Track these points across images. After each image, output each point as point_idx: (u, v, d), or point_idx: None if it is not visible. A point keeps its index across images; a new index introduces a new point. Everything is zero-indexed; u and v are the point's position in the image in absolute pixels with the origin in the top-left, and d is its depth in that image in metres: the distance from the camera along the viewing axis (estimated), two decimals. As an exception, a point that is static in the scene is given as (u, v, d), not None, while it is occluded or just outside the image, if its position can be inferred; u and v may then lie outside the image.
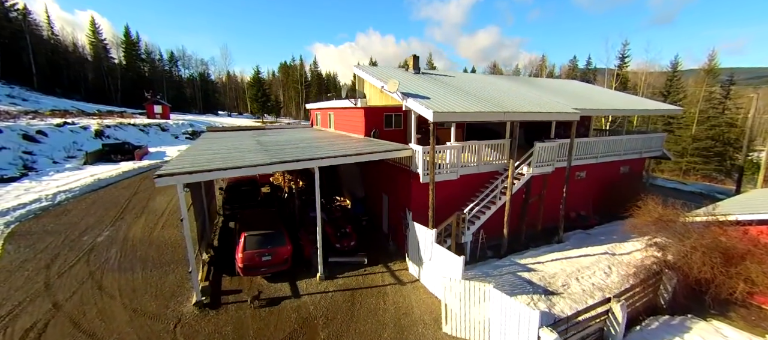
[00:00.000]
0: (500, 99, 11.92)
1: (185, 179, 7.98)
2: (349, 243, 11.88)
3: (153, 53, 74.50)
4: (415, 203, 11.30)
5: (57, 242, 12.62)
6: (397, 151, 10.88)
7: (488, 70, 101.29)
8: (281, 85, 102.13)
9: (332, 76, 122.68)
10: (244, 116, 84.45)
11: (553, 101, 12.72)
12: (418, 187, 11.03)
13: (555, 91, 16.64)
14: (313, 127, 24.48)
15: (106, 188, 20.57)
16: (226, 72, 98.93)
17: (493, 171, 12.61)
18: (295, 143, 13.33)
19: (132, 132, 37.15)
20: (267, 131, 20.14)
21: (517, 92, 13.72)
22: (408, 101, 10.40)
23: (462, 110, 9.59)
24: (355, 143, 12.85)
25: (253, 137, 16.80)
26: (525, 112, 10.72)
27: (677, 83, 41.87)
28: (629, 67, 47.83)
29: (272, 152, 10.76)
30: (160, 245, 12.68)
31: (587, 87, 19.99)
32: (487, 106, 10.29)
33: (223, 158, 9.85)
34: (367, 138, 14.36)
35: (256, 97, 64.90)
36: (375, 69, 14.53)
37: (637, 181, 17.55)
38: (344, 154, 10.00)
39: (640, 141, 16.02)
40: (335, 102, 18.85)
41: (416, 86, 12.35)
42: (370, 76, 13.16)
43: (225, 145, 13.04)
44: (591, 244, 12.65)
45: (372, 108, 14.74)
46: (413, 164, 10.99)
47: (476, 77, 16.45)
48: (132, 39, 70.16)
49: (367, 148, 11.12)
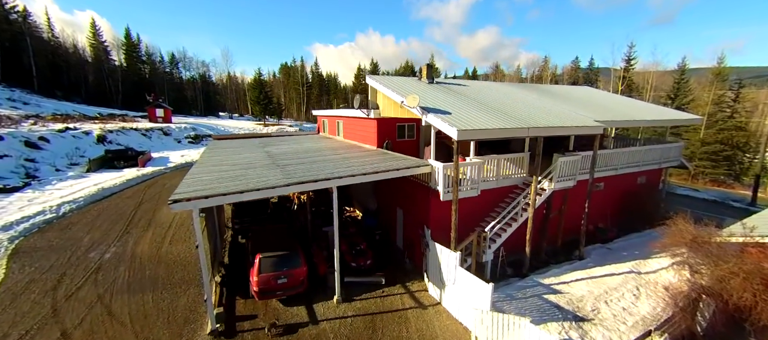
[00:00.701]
0: (521, 113, 11.53)
1: (201, 204, 7.59)
2: (366, 262, 11.49)
3: (154, 55, 74.10)
4: (434, 220, 10.92)
5: (63, 259, 12.23)
6: (416, 168, 10.49)
7: (490, 70, 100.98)
8: (282, 86, 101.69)
9: (333, 77, 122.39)
10: (245, 118, 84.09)
11: (574, 114, 12.33)
12: (437, 204, 10.66)
13: (570, 99, 16.25)
14: (319, 133, 24.10)
15: (110, 198, 20.18)
16: (227, 73, 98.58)
17: (512, 185, 12.24)
18: (308, 156, 12.94)
19: (134, 137, 36.74)
20: (274, 140, 19.74)
21: (534, 103, 13.33)
22: (428, 117, 10.01)
23: (485, 127, 9.21)
24: (370, 157, 12.46)
25: (261, 147, 16.41)
26: (548, 127, 10.33)
27: (684, 85, 41.43)
28: (635, 69, 47.44)
29: (287, 170, 10.37)
30: (169, 262, 12.29)
31: (601, 94, 19.59)
32: (510, 122, 9.91)
33: (238, 178, 9.46)
34: (380, 150, 13.97)
35: (258, 100, 64.46)
36: (389, 80, 14.14)
37: (655, 191, 17.18)
38: (363, 173, 9.62)
39: (659, 151, 15.64)
40: (344, 111, 18.46)
41: (432, 98, 11.97)
42: (385, 88, 12.77)
43: (235, 160, 12.64)
44: (614, 260, 12.27)
45: (385, 119, 14.36)
46: (432, 181, 10.62)
47: (489, 86, 16.06)
48: (132, 41, 69.70)
49: (385, 165, 10.73)
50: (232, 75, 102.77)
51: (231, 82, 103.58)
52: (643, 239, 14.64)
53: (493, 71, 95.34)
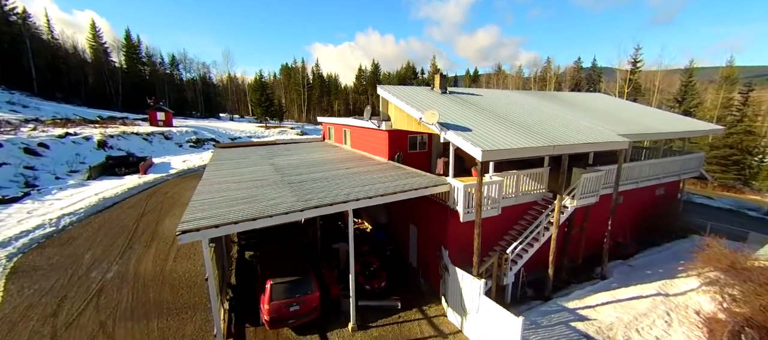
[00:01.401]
0: (544, 128, 11.00)
1: (211, 234, 7.07)
2: (380, 284, 10.98)
3: (154, 56, 73.50)
4: (452, 241, 10.41)
5: (63, 280, 11.72)
6: (434, 187, 9.97)
7: (493, 70, 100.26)
8: (283, 87, 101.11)
9: (334, 78, 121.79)
10: (245, 120, 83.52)
11: (599, 128, 11.81)
12: (456, 224, 10.14)
13: (586, 108, 15.73)
14: (324, 140, 23.59)
15: (111, 209, 19.65)
16: (228, 74, 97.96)
17: (531, 202, 11.73)
18: (318, 170, 12.42)
19: (135, 142, 36.21)
20: (280, 149, 19.22)
21: (555, 116, 12.79)
22: (448, 134, 9.49)
23: (510, 146, 8.69)
24: (383, 172, 11.95)
25: (267, 159, 15.89)
26: (574, 144, 9.81)
27: (692, 88, 40.88)
28: (641, 71, 46.84)
29: (299, 189, 9.85)
30: (173, 283, 11.78)
31: (617, 103, 19.06)
32: (535, 140, 9.39)
33: (248, 200, 8.94)
34: (392, 164, 13.46)
35: (259, 102, 63.89)
36: (400, 90, 13.61)
37: (673, 202, 16.68)
38: (380, 195, 9.10)
39: (679, 162, 15.12)
40: (352, 120, 17.94)
41: (448, 111, 11.45)
42: (398, 100, 12.24)
43: (242, 175, 12.12)
44: (638, 280, 11.76)
45: (396, 131, 13.85)
46: (451, 200, 10.10)
47: (504, 96, 15.52)
48: (133, 42, 69.13)
49: (402, 183, 10.22)
50: (232, 76, 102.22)
51: (231, 83, 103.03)
52: (665, 254, 14.17)
53: (495, 72, 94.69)
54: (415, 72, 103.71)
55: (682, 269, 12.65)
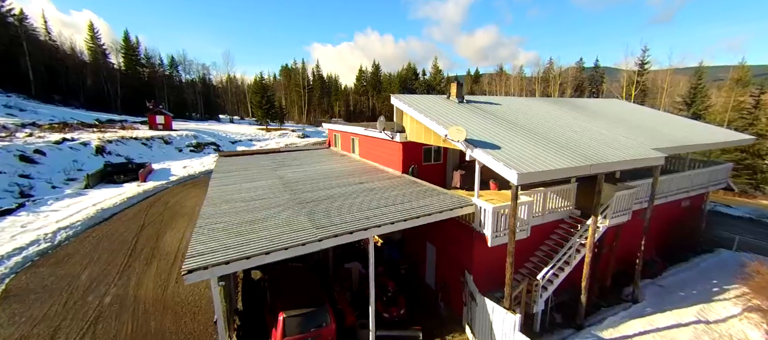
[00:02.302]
0: (576, 143, 10.26)
1: (221, 272, 6.31)
2: (399, 311, 10.22)
3: (153, 58, 72.62)
4: (477, 266, 9.67)
5: (58, 305, 10.93)
6: (459, 209, 9.23)
7: (494, 70, 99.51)
8: (283, 88, 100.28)
9: (334, 79, 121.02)
10: (246, 121, 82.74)
11: (631, 143, 11.09)
12: (482, 248, 9.40)
13: (607, 116, 14.99)
14: (330, 147, 22.82)
15: (110, 220, 18.86)
16: (227, 75, 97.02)
17: (558, 220, 11.00)
18: (329, 186, 11.66)
19: (134, 147, 35.40)
20: (285, 158, 18.44)
21: (584, 129, 12.03)
22: (475, 152, 8.74)
23: (547, 168, 7.93)
24: (399, 187, 11.20)
25: (273, 170, 15.12)
26: (613, 163, 9.07)
27: (701, 91, 40.17)
28: (649, 71, 46.15)
29: (312, 211, 9.08)
30: (176, 308, 11.01)
31: (638, 110, 18.29)
32: (572, 159, 8.64)
33: (257, 223, 8.17)
34: (408, 179, 12.70)
35: (260, 104, 63.08)
36: (415, 99, 12.84)
37: (698, 215, 15.95)
38: (403, 219, 8.35)
39: (707, 174, 14.40)
40: (361, 128, 17.17)
41: (467, 122, 10.70)
42: (415, 111, 11.48)
43: (248, 193, 11.34)
44: (673, 304, 11.02)
45: (411, 143, 13.09)
46: (476, 222, 9.35)
47: (521, 104, 14.76)
48: (131, 43, 68.26)
49: (424, 205, 9.47)
50: (232, 77, 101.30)
51: (231, 84, 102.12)
52: (694, 272, 13.44)
53: (497, 72, 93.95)
54: (416, 73, 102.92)
55: (717, 290, 11.95)
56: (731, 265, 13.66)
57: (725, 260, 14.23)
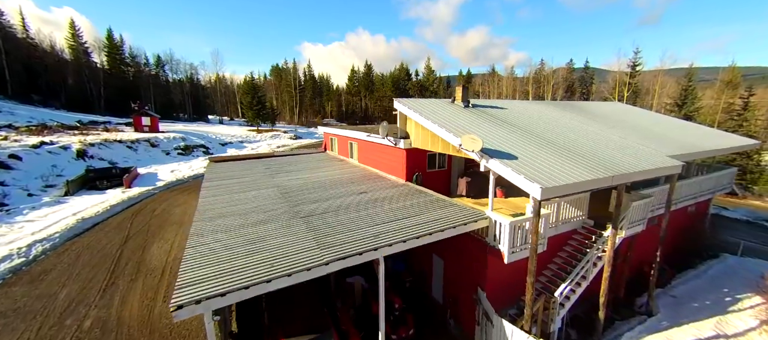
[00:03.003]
0: (592, 151, 9.79)
1: (216, 305, 5.55)
2: (407, 332, 9.58)
3: (138, 57, 70.26)
4: (491, 282, 9.10)
5: (30, 333, 9.90)
6: (473, 223, 8.63)
7: (487, 70, 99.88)
8: (274, 89, 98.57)
9: (326, 79, 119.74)
10: (236, 122, 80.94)
11: (648, 151, 10.70)
12: (496, 264, 8.84)
13: (613, 121, 14.66)
14: (326, 151, 22.04)
15: (91, 231, 17.68)
16: (216, 74, 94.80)
17: (570, 231, 10.53)
18: (331, 197, 10.93)
19: (118, 150, 33.84)
20: (281, 163, 17.59)
21: (598, 136, 11.60)
22: (491, 163, 8.16)
23: (571, 181, 7.40)
24: (405, 197, 10.54)
25: (268, 177, 14.30)
26: (634, 173, 8.62)
27: (692, 92, 40.72)
28: (641, 72, 46.61)
29: (315, 226, 8.36)
30: (164, 331, 10.12)
31: (643, 114, 18.07)
32: (593, 170, 8.14)
33: (255, 243, 7.41)
34: (413, 188, 12.06)
35: (250, 105, 61.58)
36: (420, 104, 12.20)
37: (703, 220, 15.78)
38: (415, 236, 7.70)
39: (714, 180, 14.20)
40: (360, 133, 16.45)
41: (477, 129, 10.14)
42: (424, 119, 10.84)
43: (244, 205, 10.53)
44: (688, 316, 10.67)
45: (415, 150, 12.45)
46: (490, 236, 8.78)
47: (528, 108, 14.29)
48: (115, 42, 65.88)
49: (435, 218, 8.84)
50: (221, 76, 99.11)
51: (220, 84, 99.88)
52: (703, 280, 13.18)
53: (489, 73, 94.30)
54: (408, 73, 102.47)
55: (729, 300, 11.67)
56: (740, 272, 13.47)
57: (732, 267, 14.04)
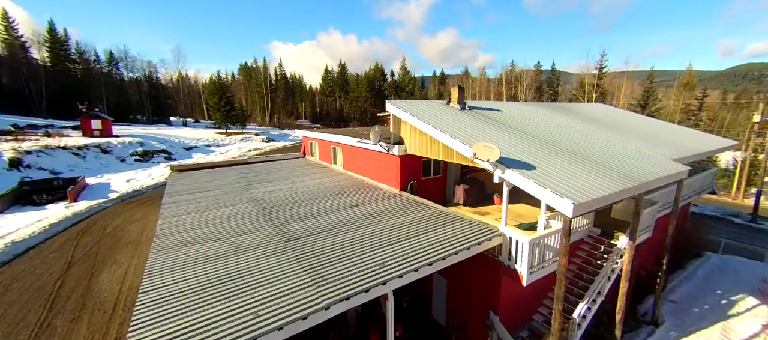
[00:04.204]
0: (606, 158, 9.21)
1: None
2: (413, 365, 8.41)
3: (87, 53, 63.69)
4: (505, 305, 8.20)
5: (-71, 403, 7.64)
6: (488, 242, 7.65)
7: (460, 71, 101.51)
8: (243, 89, 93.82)
9: (299, 79, 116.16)
10: (202, 124, 75.89)
11: (658, 156, 10.35)
12: (511, 285, 7.96)
13: (608, 124, 14.46)
14: (305, 157, 20.42)
15: (24, 257, 14.89)
16: (178, 73, 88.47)
17: (578, 241, 9.92)
18: (318, 211, 9.53)
19: (63, 158, 29.84)
20: (255, 172, 15.81)
21: (605, 140, 11.11)
22: (507, 174, 7.22)
23: (602, 195, 6.64)
24: (402, 211, 9.40)
25: (243, 190, 12.60)
26: (652, 181, 8.07)
27: (653, 94, 43.28)
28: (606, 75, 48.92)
29: (306, 254, 6.97)
30: (116, 387, 8.23)
31: (627, 115, 18.24)
32: (618, 182, 7.47)
33: (233, 282, 5.92)
34: (410, 198, 10.94)
35: (218, 106, 57.62)
36: (415, 106, 11.11)
37: (686, 219, 16.06)
38: (427, 263, 6.56)
39: (701, 180, 14.38)
40: (343, 137, 15.11)
41: (482, 133, 9.25)
42: (418, 121, 9.77)
43: (215, 227, 8.87)
44: (693, 323, 10.43)
45: (409, 156, 11.37)
46: (504, 254, 7.87)
47: (522, 110, 13.69)
48: (58, 36, 59.12)
49: (444, 236, 7.77)
50: (184, 75, 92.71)
51: (183, 84, 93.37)
52: (695, 282, 13.24)
53: (463, 74, 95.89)
54: (383, 73, 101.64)
55: (725, 303, 11.67)
56: (727, 271, 13.69)
57: (718, 266, 14.29)
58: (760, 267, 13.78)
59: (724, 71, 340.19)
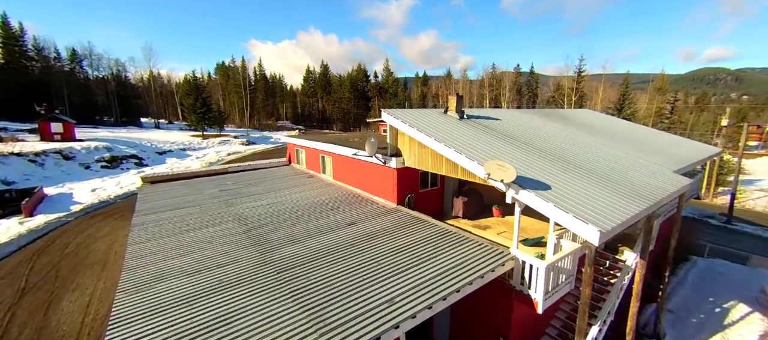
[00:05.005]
0: (615, 172, 8.91)
1: None
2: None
3: (46, 50, 58.86)
4: (517, 332, 7.70)
5: None
6: (501, 267, 7.10)
7: (443, 72, 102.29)
8: (221, 89, 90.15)
9: (279, 79, 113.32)
10: (175, 126, 72.28)
11: (659, 168, 10.22)
12: (524, 312, 7.47)
13: (600, 131, 14.42)
14: (290, 164, 19.36)
15: (-33, 285, 13.02)
16: (150, 72, 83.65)
17: (581, 257, 9.60)
18: (307, 226, 8.67)
19: (17, 166, 27.06)
20: (237, 183, 14.65)
21: (610, 153, 10.87)
22: (521, 195, 6.69)
23: (625, 218, 6.23)
24: (405, 230, 8.72)
25: (224, 205, 11.50)
26: (665, 198, 7.82)
27: (629, 97, 44.98)
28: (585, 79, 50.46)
29: (301, 287, 6.14)
30: None
31: (616, 122, 18.43)
32: (638, 202, 7.13)
33: (209, 333, 5.02)
34: (411, 214, 10.27)
35: (194, 108, 54.74)
36: (411, 116, 10.44)
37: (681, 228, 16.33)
38: (442, 297, 5.91)
39: (691, 187, 14.58)
40: (333, 146, 14.27)
41: (485, 146, 8.75)
42: (427, 137, 9.11)
43: (191, 253, 7.84)
44: (695, 336, 10.40)
45: (407, 168, 10.72)
46: (516, 279, 7.38)
47: (519, 118, 13.35)
48: (12, 30, 54.27)
49: (452, 263, 7.15)
50: (156, 74, 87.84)
51: (155, 83, 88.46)
52: (687, 288, 13.38)
53: (445, 76, 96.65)
54: (366, 74, 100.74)
55: (719, 311, 11.78)
56: (715, 276, 13.95)
57: (705, 271, 14.56)
58: (745, 272, 14.14)
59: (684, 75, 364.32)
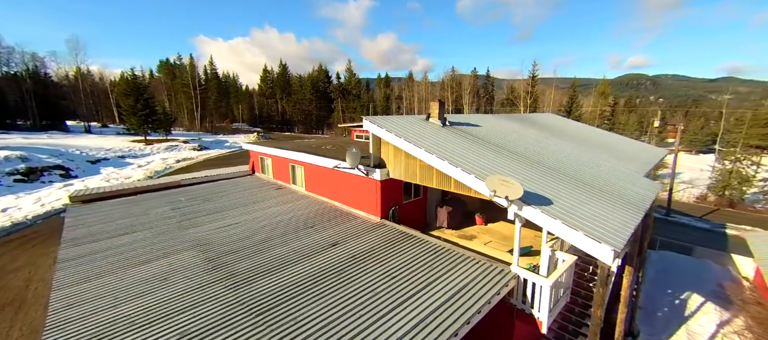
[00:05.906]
0: (604, 182, 8.97)
1: None
2: None
3: (-64, 39, 48.71)
4: (518, 351, 7.34)
5: None
6: (505, 287, 6.67)
7: (405, 75, 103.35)
8: (166, 89, 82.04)
9: (233, 78, 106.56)
10: (111, 130, 64.34)
11: (634, 174, 10.61)
12: (527, 332, 7.15)
13: (572, 136, 14.97)
14: (254, 174, 17.70)
15: None
16: (77, 68, 73.41)
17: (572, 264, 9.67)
18: (284, 252, 7.58)
19: None
20: (194, 199, 12.81)
21: (591, 160, 11.09)
22: (525, 211, 6.31)
23: (630, 232, 6.10)
24: (394, 249, 7.99)
25: (179, 228, 9.85)
26: (649, 205, 7.99)
27: (576, 101, 48.87)
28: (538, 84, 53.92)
29: (288, 338, 5.13)
30: None
31: (581, 127, 19.41)
32: (636, 214, 7.14)
33: None
34: (397, 230, 9.56)
35: (134, 110, 48.77)
36: (393, 123, 9.74)
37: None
38: (453, 333, 5.27)
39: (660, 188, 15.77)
40: (304, 155, 13.11)
41: (477, 156, 8.36)
42: (417, 149, 8.45)
43: (140, 293, 6.38)
44: (663, 330, 11.04)
45: (391, 180, 10.03)
46: (517, 297, 7.03)
47: (498, 124, 13.27)
48: None
49: (452, 288, 6.57)
50: (84, 71, 77.40)
51: (85, 81, 77.86)
52: (649, 282, 14.28)
53: (408, 78, 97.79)
54: (328, 75, 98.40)
55: (678, 303, 12.69)
56: (669, 268, 15.15)
57: (659, 263, 15.80)
58: (694, 263, 15.57)
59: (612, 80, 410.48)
